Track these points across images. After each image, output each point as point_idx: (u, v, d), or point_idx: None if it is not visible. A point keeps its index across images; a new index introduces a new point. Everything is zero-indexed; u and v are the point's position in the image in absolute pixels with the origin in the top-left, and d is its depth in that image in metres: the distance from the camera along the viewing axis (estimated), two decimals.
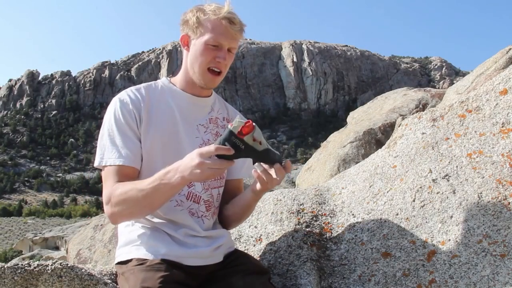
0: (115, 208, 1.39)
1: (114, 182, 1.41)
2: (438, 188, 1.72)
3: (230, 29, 1.46)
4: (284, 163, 1.35)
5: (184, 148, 1.51)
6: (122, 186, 1.38)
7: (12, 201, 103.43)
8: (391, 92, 6.01)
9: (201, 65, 1.49)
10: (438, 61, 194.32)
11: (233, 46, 1.50)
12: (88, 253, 4.00)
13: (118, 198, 1.37)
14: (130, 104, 1.48)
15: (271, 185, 1.40)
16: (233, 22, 1.46)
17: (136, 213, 1.41)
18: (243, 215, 1.66)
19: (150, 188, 1.33)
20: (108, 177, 1.43)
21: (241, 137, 1.26)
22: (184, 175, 1.29)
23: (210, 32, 1.45)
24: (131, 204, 1.36)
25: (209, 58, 1.47)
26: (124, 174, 1.42)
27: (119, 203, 1.38)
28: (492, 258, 1.48)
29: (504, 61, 3.58)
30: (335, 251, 1.77)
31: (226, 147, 1.25)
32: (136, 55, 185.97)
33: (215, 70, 1.50)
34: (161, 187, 1.32)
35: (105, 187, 1.43)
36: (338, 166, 4.29)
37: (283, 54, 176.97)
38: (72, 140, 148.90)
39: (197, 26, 1.47)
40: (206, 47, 1.47)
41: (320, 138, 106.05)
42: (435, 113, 1.97)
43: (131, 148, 1.44)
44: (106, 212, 1.42)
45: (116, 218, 1.43)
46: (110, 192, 1.40)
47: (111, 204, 1.39)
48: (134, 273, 1.38)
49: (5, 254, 38.13)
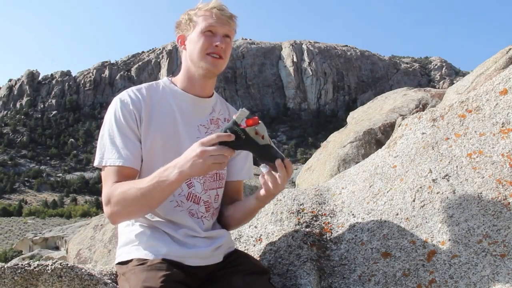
0: (115, 207, 1.39)
1: (113, 182, 1.41)
2: (438, 188, 1.72)
3: (221, 16, 1.50)
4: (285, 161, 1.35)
5: (184, 148, 1.51)
6: (121, 185, 1.39)
7: (12, 201, 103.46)
8: (391, 92, 6.01)
9: (199, 52, 1.50)
10: (438, 61, 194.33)
11: (227, 32, 1.52)
12: (88, 253, 4.00)
13: (117, 198, 1.38)
14: (130, 104, 1.48)
15: (275, 190, 1.41)
16: (222, 9, 1.51)
17: (135, 212, 1.41)
18: (244, 220, 1.67)
19: (148, 186, 1.33)
20: (107, 177, 1.43)
21: (243, 127, 1.27)
22: (182, 170, 1.29)
23: (202, 21, 1.50)
24: (130, 202, 1.36)
25: (206, 44, 1.49)
26: (123, 175, 1.42)
27: (118, 203, 1.38)
28: (492, 258, 1.48)
29: (504, 61, 3.58)
30: (335, 251, 1.77)
31: (227, 133, 1.26)
32: (136, 55, 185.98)
33: (215, 55, 1.51)
34: (159, 184, 1.32)
35: (104, 187, 1.43)
36: (338, 166, 4.29)
37: (283, 54, 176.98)
38: (72, 140, 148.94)
39: (189, 22, 1.52)
40: (202, 35, 1.50)
41: (320, 138, 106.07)
42: (435, 113, 1.98)
43: (131, 149, 1.44)
44: (106, 212, 1.42)
45: (116, 218, 1.43)
46: (109, 192, 1.40)
47: (111, 204, 1.39)
48: (135, 273, 1.38)
49: (5, 254, 38.13)
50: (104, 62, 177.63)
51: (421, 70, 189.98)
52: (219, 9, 1.50)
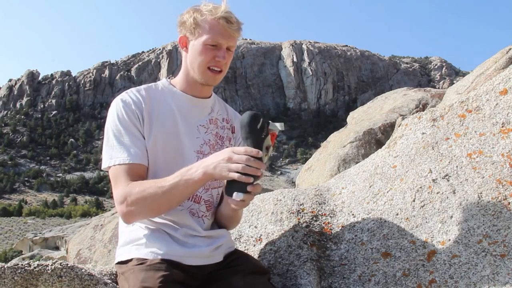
0: (132, 207, 1.38)
1: (128, 181, 1.40)
2: (438, 188, 1.72)
3: (228, 29, 1.47)
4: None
5: (184, 148, 1.52)
6: (140, 184, 1.38)
7: (12, 201, 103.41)
8: (391, 92, 6.01)
9: (200, 65, 1.50)
10: (438, 61, 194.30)
11: (232, 44, 1.51)
12: (88, 253, 4.00)
13: (135, 196, 1.37)
14: (132, 104, 1.48)
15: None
16: (230, 21, 1.46)
17: (153, 210, 1.40)
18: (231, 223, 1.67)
19: (170, 184, 1.34)
20: (119, 176, 1.42)
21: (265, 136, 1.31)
22: (206, 170, 1.31)
23: (208, 32, 1.46)
24: (150, 201, 1.36)
25: (209, 58, 1.48)
26: (134, 173, 1.42)
27: (136, 201, 1.37)
28: (492, 258, 1.48)
29: (504, 61, 3.57)
30: (335, 251, 1.77)
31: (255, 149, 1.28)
32: (136, 55, 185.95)
33: (215, 69, 1.51)
34: (182, 183, 1.34)
35: (117, 186, 1.42)
36: (338, 166, 4.29)
37: (283, 54, 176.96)
38: (72, 140, 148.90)
39: (195, 27, 1.48)
40: (205, 47, 1.47)
41: (320, 138, 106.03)
42: (435, 113, 1.98)
43: (139, 146, 1.44)
44: (121, 211, 1.41)
45: (131, 217, 1.42)
46: (127, 191, 1.38)
47: (127, 203, 1.38)
48: (134, 272, 1.38)
49: (5, 254, 38.15)
50: (104, 62, 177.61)
51: (421, 70, 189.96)
52: (227, 21, 1.46)
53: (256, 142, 1.30)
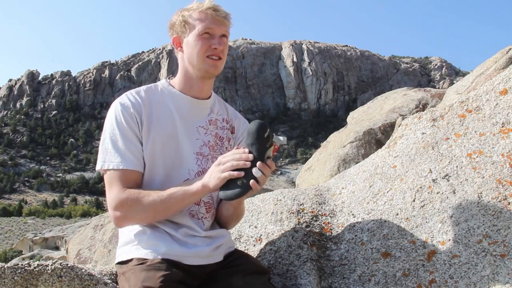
0: (127, 212, 1.40)
1: (122, 187, 1.41)
2: (438, 188, 1.72)
3: (216, 16, 1.50)
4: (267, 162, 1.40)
5: (183, 149, 1.52)
6: (138, 192, 1.41)
7: (12, 201, 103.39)
8: (391, 92, 6.02)
9: (199, 55, 1.50)
10: (438, 61, 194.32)
11: (224, 32, 1.52)
12: (88, 253, 4.00)
13: (131, 203, 1.39)
14: (131, 107, 1.48)
15: None
16: (217, 10, 1.50)
17: (148, 217, 1.43)
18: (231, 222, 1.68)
19: (170, 193, 1.40)
20: (113, 181, 1.43)
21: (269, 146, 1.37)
22: (203, 182, 1.38)
23: (198, 23, 1.49)
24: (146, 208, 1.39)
25: (205, 47, 1.49)
26: (128, 179, 1.43)
27: (131, 207, 1.40)
28: (492, 258, 1.48)
29: (504, 61, 3.58)
30: (335, 251, 1.77)
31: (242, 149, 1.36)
32: (136, 55, 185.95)
33: (214, 57, 1.51)
34: (180, 193, 1.40)
35: (110, 191, 1.43)
36: (338, 166, 4.29)
37: (283, 54, 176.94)
38: (72, 140, 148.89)
39: (184, 24, 1.51)
40: (199, 38, 1.49)
41: (320, 138, 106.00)
42: (435, 113, 1.98)
43: (134, 152, 1.45)
44: (113, 216, 1.42)
45: (124, 222, 1.44)
46: (121, 198, 1.40)
47: (122, 208, 1.40)
48: (135, 272, 1.38)
49: (5, 254, 38.14)
50: (104, 62, 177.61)
51: (421, 70, 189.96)
52: (214, 10, 1.49)
53: (260, 150, 1.34)
